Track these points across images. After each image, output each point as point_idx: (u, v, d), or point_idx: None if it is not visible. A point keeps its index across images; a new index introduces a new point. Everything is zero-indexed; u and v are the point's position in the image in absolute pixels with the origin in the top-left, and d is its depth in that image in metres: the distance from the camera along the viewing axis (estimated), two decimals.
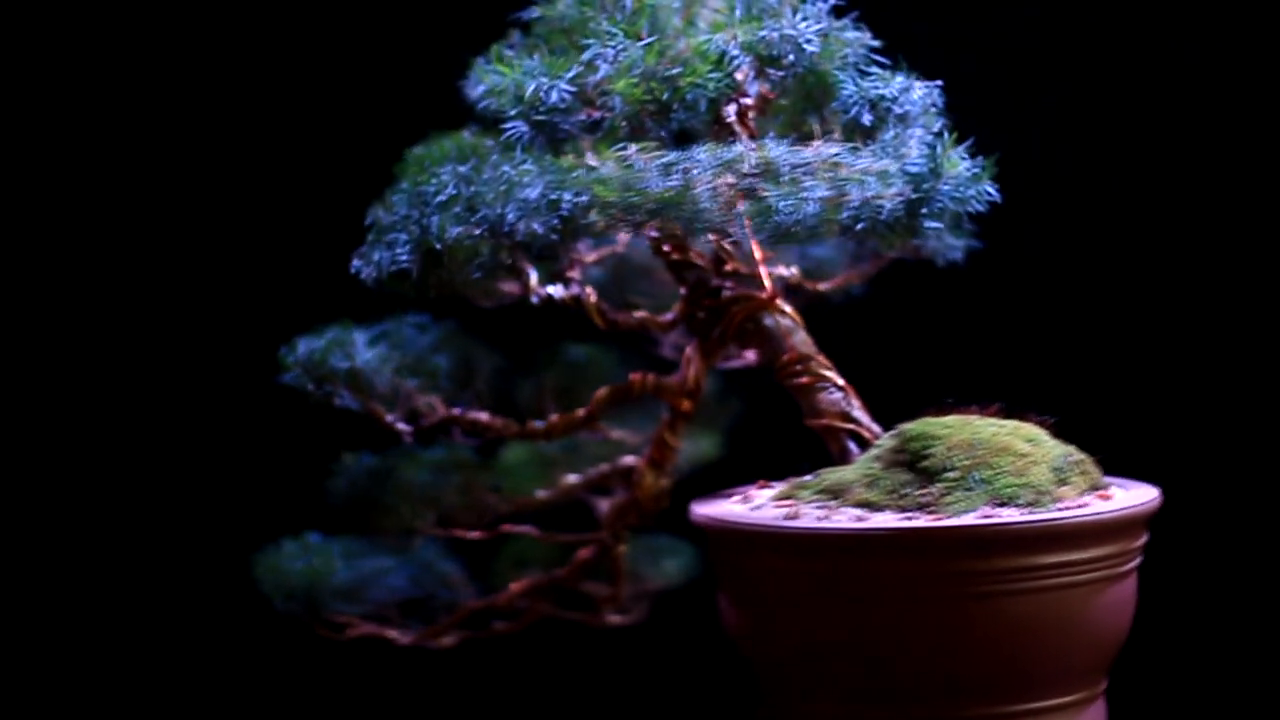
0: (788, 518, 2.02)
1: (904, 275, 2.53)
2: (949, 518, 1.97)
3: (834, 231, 2.05)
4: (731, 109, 2.16)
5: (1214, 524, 2.92)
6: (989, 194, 2.14)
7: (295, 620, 2.45)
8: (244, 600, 2.51)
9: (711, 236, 2.14)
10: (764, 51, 2.15)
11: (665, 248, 2.27)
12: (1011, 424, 2.10)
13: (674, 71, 2.11)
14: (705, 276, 2.27)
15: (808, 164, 2.04)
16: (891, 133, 2.13)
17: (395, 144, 2.33)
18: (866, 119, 2.14)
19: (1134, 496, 2.08)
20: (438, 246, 2.16)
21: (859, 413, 2.19)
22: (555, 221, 2.06)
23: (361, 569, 2.44)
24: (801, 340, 2.23)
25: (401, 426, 2.39)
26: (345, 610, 2.43)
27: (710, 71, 2.13)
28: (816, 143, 2.09)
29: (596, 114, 2.13)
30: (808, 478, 2.12)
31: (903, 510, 2.00)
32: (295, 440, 2.71)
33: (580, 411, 2.35)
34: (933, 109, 2.18)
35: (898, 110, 2.15)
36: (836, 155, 2.05)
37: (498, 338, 2.50)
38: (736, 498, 2.18)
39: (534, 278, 2.31)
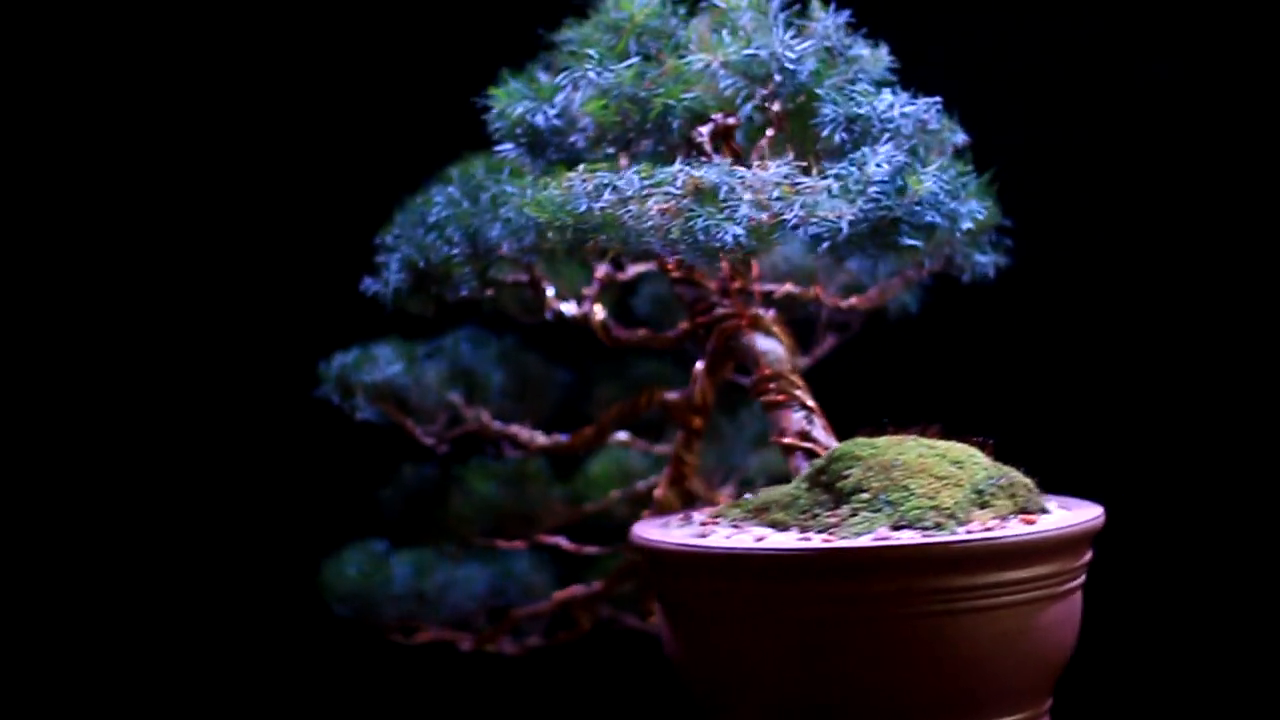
0: (697, 536, 2.03)
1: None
2: (843, 539, 1.96)
3: (769, 248, 2.05)
4: (704, 130, 2.17)
5: (1184, 544, 2.96)
6: (977, 212, 2.11)
7: (354, 625, 2.54)
8: (296, 607, 2.62)
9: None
10: (751, 71, 2.16)
11: (669, 266, 2.29)
12: (945, 445, 2.07)
13: (643, 94, 2.14)
14: (705, 294, 2.28)
15: (738, 185, 2.03)
16: (861, 152, 2.11)
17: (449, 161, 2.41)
18: (839, 138, 2.13)
19: (1065, 518, 2.03)
20: (421, 264, 2.23)
21: (819, 432, 2.19)
22: (528, 241, 2.11)
23: (437, 577, 2.51)
24: (776, 359, 2.23)
25: (427, 440, 2.46)
26: (416, 616, 2.51)
27: (684, 93, 2.14)
28: (768, 162, 2.10)
29: (574, 136, 2.18)
30: (747, 496, 2.12)
31: (805, 530, 2.00)
32: (347, 452, 2.79)
33: (589, 429, 2.38)
34: (930, 127, 2.16)
35: (880, 128, 2.13)
36: (784, 176, 2.05)
37: (566, 353, 2.56)
38: (680, 517, 2.20)
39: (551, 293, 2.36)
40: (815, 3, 2.22)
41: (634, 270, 2.48)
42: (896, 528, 1.97)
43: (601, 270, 2.39)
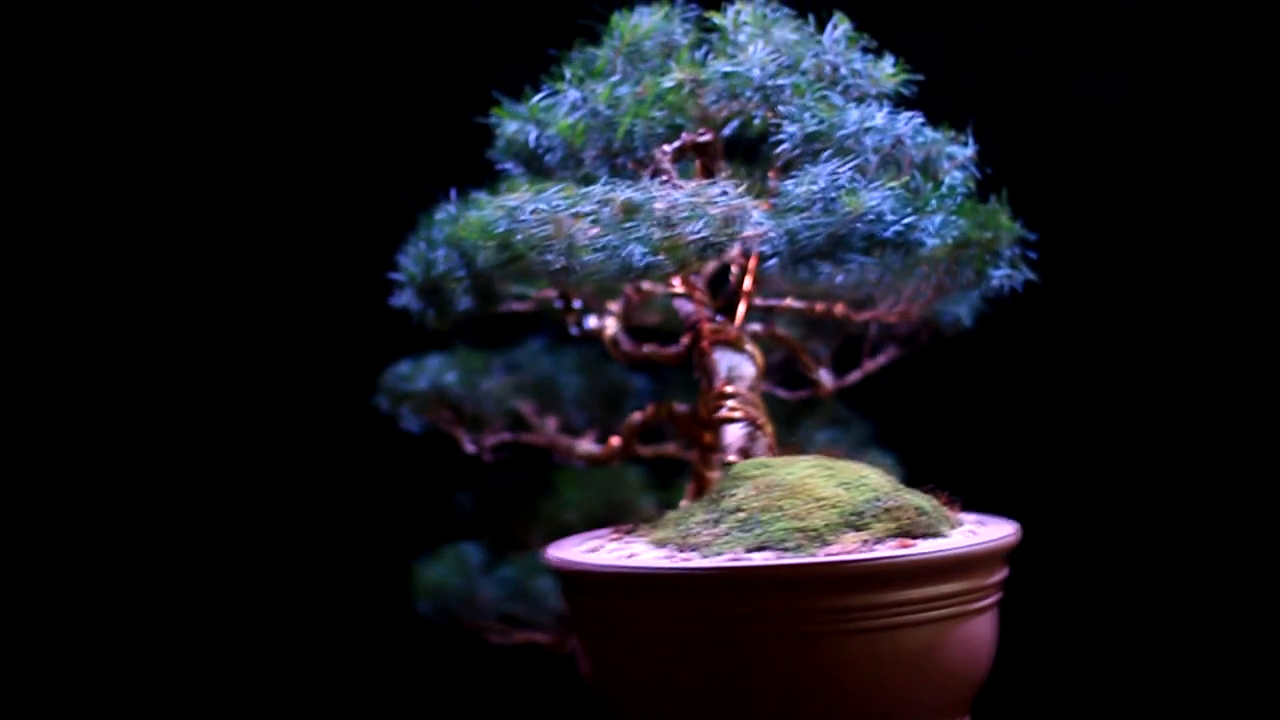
0: (586, 553, 2.06)
1: None
2: (706, 559, 1.96)
3: (691, 268, 2.07)
4: (667, 149, 2.18)
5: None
6: (949, 228, 2.09)
7: (438, 628, 2.63)
8: (369, 611, 2.72)
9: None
10: (726, 89, 2.17)
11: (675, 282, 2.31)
12: (842, 466, 2.06)
13: (607, 113, 2.18)
14: (694, 310, 2.30)
15: (660, 205, 2.05)
16: (806, 169, 2.10)
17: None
18: (794, 153, 2.13)
19: (954, 541, 2.00)
20: (420, 280, 2.32)
21: (761, 450, 2.19)
22: (479, 263, 2.18)
23: (538, 581, 2.59)
24: (736, 375, 2.23)
25: (470, 448, 2.53)
26: (513, 619, 2.59)
27: (653, 111, 2.17)
28: (696, 181, 2.11)
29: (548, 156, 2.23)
30: (668, 514, 2.13)
31: (680, 549, 2.01)
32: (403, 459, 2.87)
33: (615, 440, 2.42)
34: (901, 143, 2.13)
35: (841, 144, 2.12)
36: (693, 195, 2.06)
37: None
38: (609, 532, 2.22)
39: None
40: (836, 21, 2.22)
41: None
42: (753, 549, 1.97)
43: (630, 285, 2.43)
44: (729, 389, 2.21)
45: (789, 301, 2.38)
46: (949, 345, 2.51)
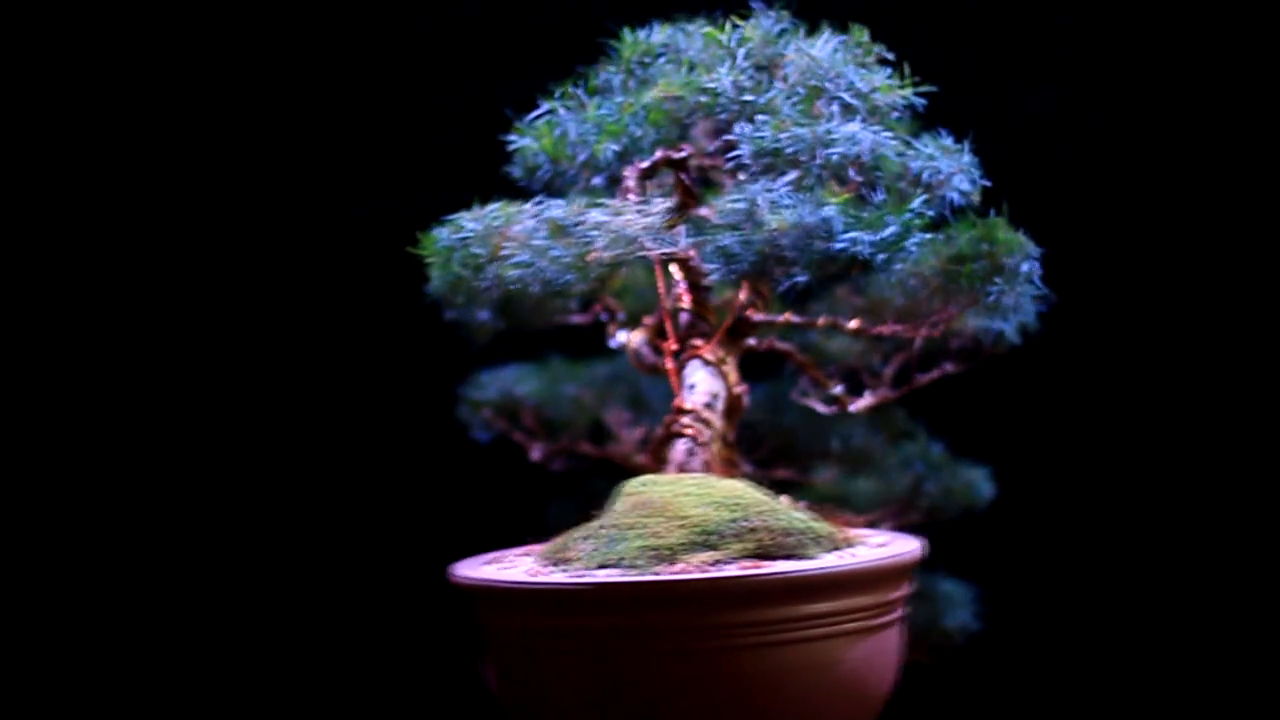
0: (485, 564, 2.10)
1: None
2: (563, 574, 1.98)
3: (582, 285, 2.09)
4: (635, 167, 2.20)
5: None
6: (908, 245, 2.06)
7: None
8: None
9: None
10: (696, 105, 2.19)
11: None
12: (720, 485, 2.04)
13: (579, 131, 2.21)
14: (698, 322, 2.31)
15: (571, 223, 2.09)
16: (742, 186, 2.10)
17: None
18: (735, 168, 2.13)
19: (799, 564, 1.96)
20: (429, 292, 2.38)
21: (698, 469, 2.18)
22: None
23: None
24: (698, 392, 2.23)
25: (536, 456, 2.59)
26: None
27: (633, 129, 2.20)
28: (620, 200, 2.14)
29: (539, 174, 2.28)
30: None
31: (552, 564, 2.03)
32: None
33: (651, 447, 2.43)
34: (859, 159, 2.11)
35: (794, 158, 2.11)
36: (631, 213, 2.08)
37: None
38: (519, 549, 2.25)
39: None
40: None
41: None
42: (602, 566, 1.98)
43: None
44: (686, 405, 2.22)
45: (787, 316, 2.35)
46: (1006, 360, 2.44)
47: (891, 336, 2.32)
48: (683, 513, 1.99)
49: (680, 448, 2.19)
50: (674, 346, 2.24)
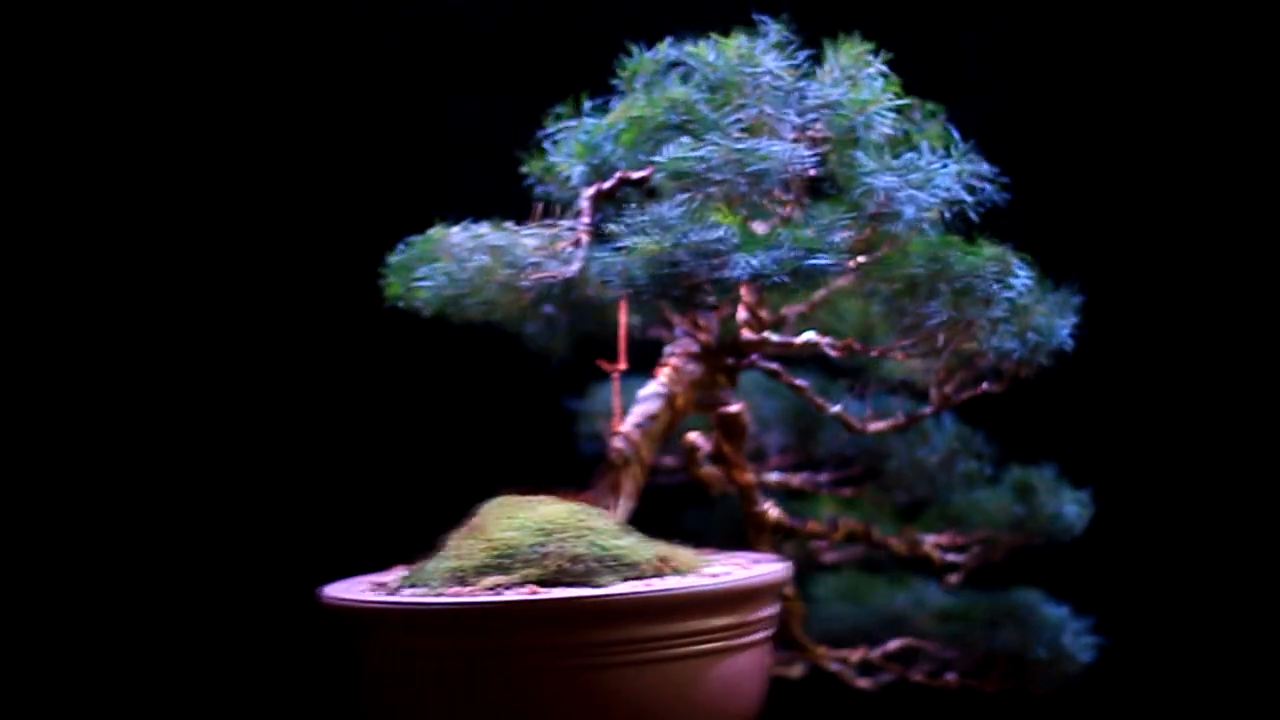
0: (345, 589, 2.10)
1: None
2: (391, 595, 2.00)
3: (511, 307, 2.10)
4: (589, 190, 2.19)
5: None
6: (748, 265, 2.02)
7: None
8: None
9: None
10: (650, 127, 2.17)
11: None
12: (551, 509, 2.02)
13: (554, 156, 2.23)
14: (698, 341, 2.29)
15: (508, 246, 2.12)
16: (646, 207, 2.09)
17: None
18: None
19: (569, 591, 1.93)
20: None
21: (603, 494, 2.17)
22: None
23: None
24: (633, 412, 2.21)
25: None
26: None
27: (594, 152, 2.20)
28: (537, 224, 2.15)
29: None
30: None
31: (402, 585, 2.04)
32: None
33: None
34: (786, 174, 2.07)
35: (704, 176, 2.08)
36: (526, 236, 2.10)
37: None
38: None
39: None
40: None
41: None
42: (410, 587, 2.00)
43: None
44: (621, 428, 2.20)
45: (763, 335, 2.28)
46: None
47: (881, 356, 2.25)
48: (491, 535, 1.98)
49: (603, 469, 2.18)
50: (622, 366, 2.23)
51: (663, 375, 2.23)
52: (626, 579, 1.97)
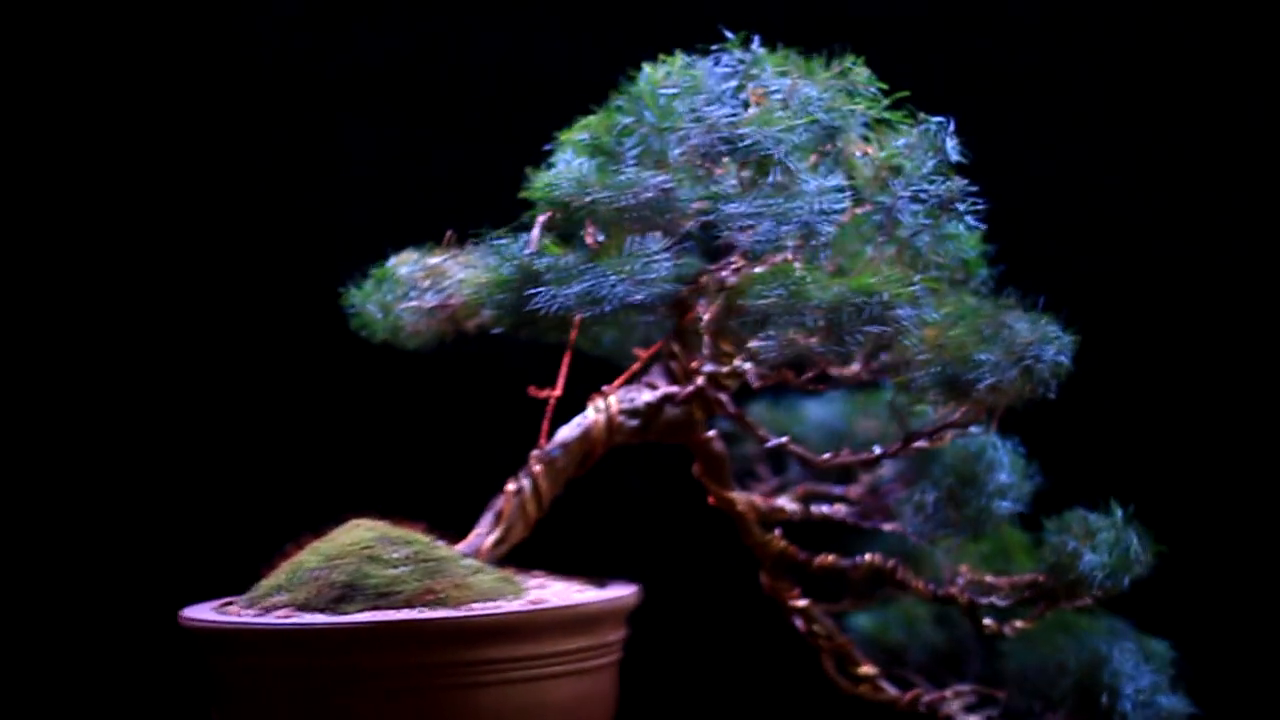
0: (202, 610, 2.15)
1: None
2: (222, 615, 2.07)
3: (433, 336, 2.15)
4: (542, 215, 2.19)
5: None
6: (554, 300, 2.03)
7: None
8: None
9: None
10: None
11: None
12: (353, 534, 2.06)
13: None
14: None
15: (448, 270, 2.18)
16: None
17: None
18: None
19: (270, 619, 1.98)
20: None
21: (488, 518, 2.17)
22: None
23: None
24: (553, 439, 2.18)
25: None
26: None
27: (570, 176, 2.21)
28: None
29: None
30: None
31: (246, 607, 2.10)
32: None
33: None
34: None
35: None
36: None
37: None
38: None
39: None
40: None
41: None
42: (249, 608, 2.06)
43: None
44: (535, 453, 2.19)
45: (696, 364, 2.18)
46: None
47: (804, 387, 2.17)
48: (296, 558, 2.07)
49: (507, 490, 2.20)
50: (556, 393, 2.23)
51: (592, 405, 2.21)
52: (376, 607, 2.00)
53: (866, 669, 2.31)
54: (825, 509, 2.31)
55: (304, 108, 2.98)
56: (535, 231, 2.11)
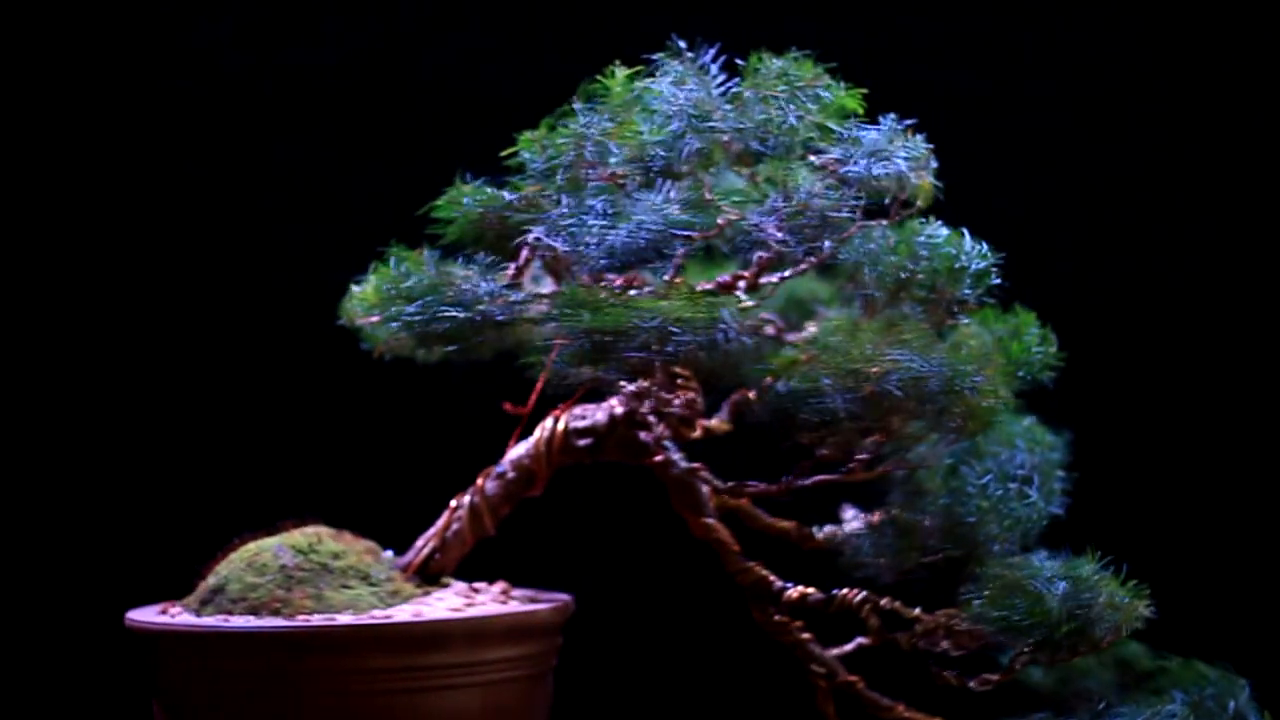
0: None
1: None
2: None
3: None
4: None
5: None
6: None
7: None
8: None
9: None
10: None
11: None
12: (270, 543, 2.15)
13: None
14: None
15: None
16: None
17: None
18: None
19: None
20: None
21: (430, 533, 2.20)
22: None
23: None
24: (508, 455, 2.19)
25: None
26: None
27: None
28: None
29: None
30: None
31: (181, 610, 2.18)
32: None
33: None
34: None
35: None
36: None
37: None
38: None
39: None
40: None
41: None
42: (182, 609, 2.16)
43: None
44: (484, 471, 2.20)
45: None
46: None
47: None
48: (239, 557, 2.17)
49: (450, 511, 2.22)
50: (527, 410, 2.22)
51: (542, 425, 2.20)
52: (227, 612, 2.09)
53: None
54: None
55: (240, 122, 3.03)
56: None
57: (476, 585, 2.21)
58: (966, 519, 2.09)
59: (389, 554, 2.21)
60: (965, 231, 2.05)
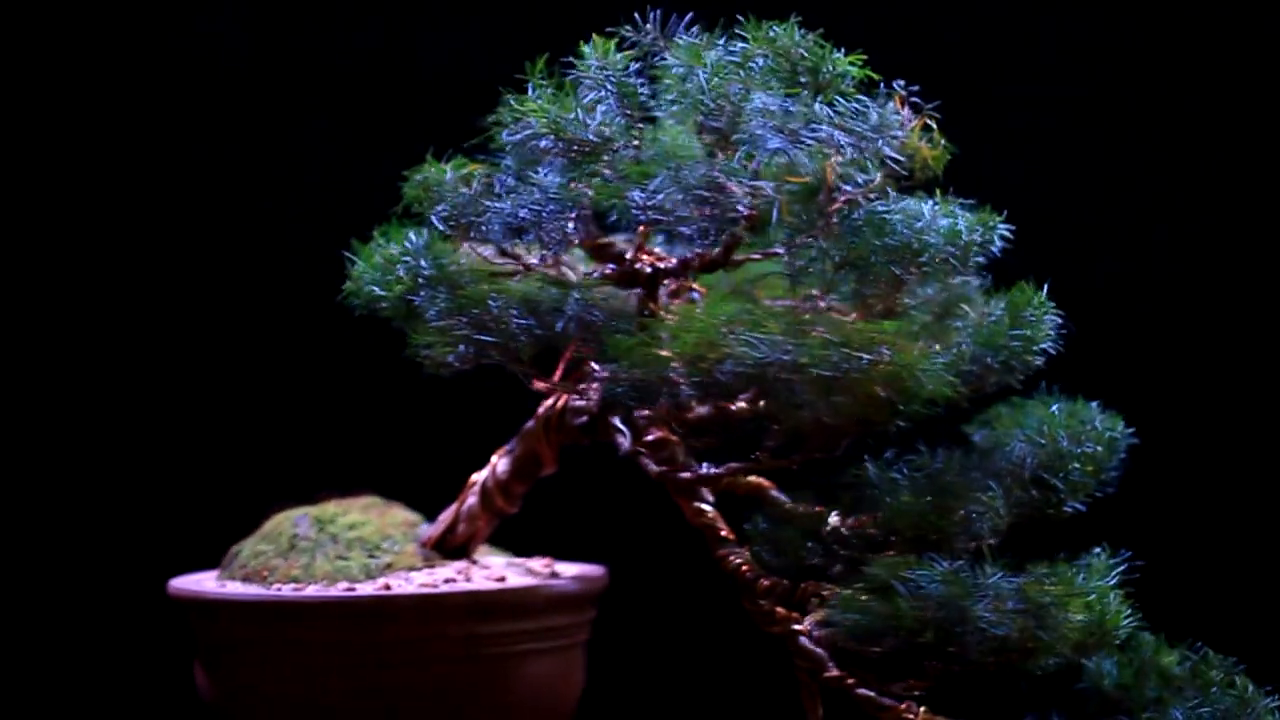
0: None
1: None
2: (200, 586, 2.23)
3: None
4: None
5: None
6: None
7: None
8: None
9: None
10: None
11: None
12: (292, 515, 2.24)
13: None
14: None
15: None
16: None
17: None
18: None
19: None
20: None
21: (454, 508, 2.24)
22: None
23: None
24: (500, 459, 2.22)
25: None
26: None
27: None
28: None
29: None
30: None
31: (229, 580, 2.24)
32: None
33: None
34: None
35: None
36: None
37: None
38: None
39: None
40: None
41: None
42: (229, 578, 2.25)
43: None
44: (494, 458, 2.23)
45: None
46: None
47: None
48: (270, 531, 2.28)
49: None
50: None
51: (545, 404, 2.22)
52: (232, 577, 2.22)
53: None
54: None
55: (247, 109, 3.02)
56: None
57: (515, 560, 2.26)
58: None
59: (425, 528, 2.28)
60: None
